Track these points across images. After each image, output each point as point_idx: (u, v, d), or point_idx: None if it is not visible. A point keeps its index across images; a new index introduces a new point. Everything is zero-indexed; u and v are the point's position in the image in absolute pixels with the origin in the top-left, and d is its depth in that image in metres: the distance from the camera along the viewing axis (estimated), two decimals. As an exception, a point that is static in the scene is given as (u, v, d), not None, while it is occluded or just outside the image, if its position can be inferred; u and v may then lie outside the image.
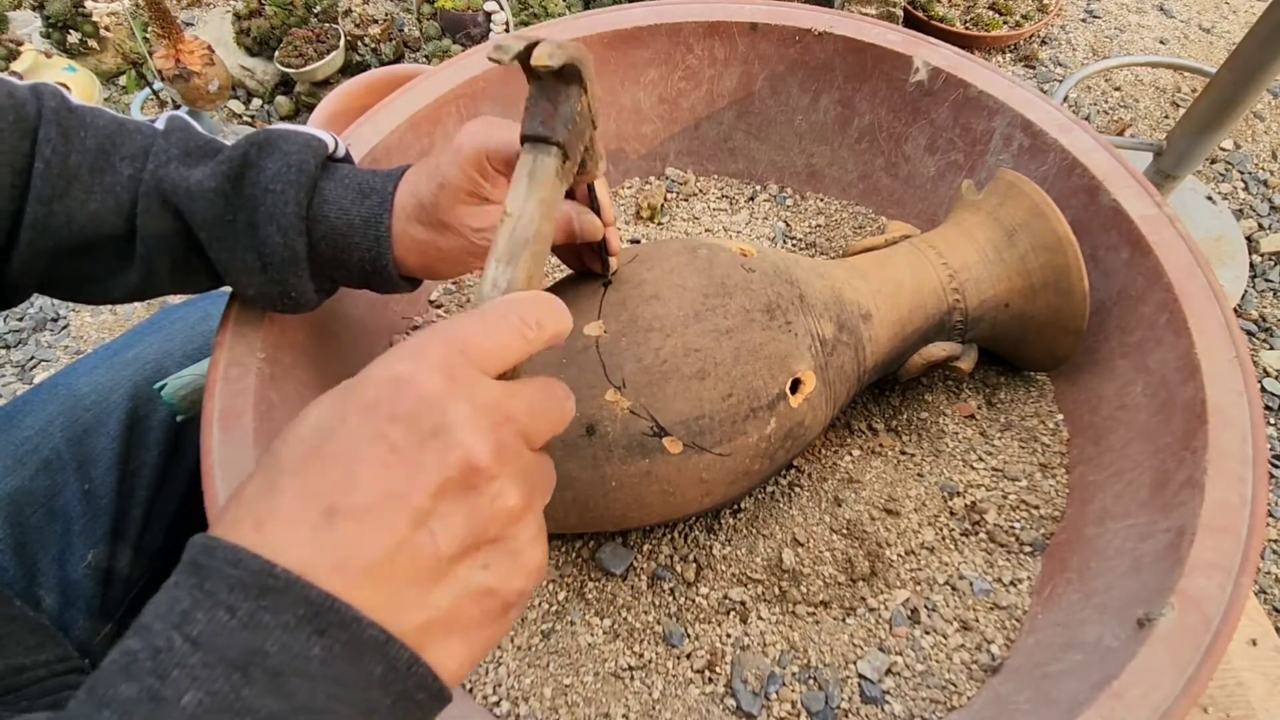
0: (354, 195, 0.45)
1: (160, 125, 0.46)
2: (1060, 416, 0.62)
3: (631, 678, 0.50)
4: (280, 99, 1.53)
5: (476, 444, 0.23)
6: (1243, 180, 1.44)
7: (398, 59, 1.59)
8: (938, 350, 0.57)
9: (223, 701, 0.20)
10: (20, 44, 1.45)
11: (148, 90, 1.38)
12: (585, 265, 0.50)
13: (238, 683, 0.20)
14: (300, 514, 0.22)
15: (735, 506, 0.57)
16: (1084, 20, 1.75)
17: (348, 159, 0.49)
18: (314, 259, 0.45)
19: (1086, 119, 1.55)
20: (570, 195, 0.46)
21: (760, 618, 0.52)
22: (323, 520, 0.22)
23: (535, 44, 0.31)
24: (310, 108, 1.49)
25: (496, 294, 0.30)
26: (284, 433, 0.24)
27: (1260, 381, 1.20)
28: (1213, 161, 1.47)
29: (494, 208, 0.44)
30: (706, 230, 0.76)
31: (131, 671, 0.20)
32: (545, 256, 0.32)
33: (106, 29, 1.59)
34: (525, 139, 0.33)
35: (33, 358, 1.25)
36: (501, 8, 1.43)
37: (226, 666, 0.20)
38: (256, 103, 1.58)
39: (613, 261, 0.48)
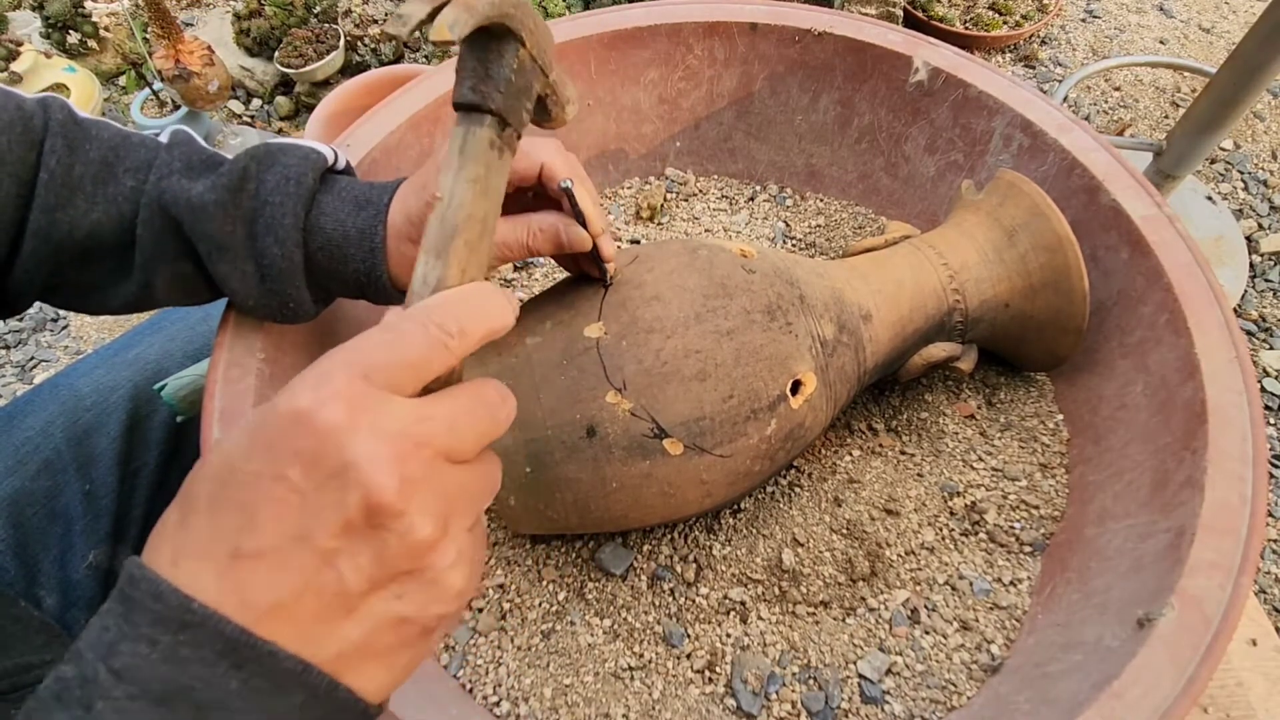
0: (350, 208, 0.45)
1: (164, 139, 0.46)
2: (1060, 416, 0.62)
3: (631, 678, 0.50)
4: (280, 99, 1.53)
5: (379, 481, 0.23)
6: (1242, 180, 1.44)
7: (398, 59, 1.59)
8: (938, 351, 0.57)
9: None
10: (20, 44, 1.45)
11: (147, 90, 1.38)
12: (583, 270, 0.49)
13: (160, 716, 0.21)
14: (208, 554, 0.22)
15: (735, 507, 0.57)
16: (1084, 20, 1.75)
17: (348, 170, 0.49)
18: (311, 270, 0.46)
19: (1086, 119, 1.55)
20: (556, 207, 0.45)
21: (760, 618, 0.52)
22: (228, 562, 0.22)
23: (440, 7, 0.27)
24: (310, 108, 1.49)
25: (426, 291, 0.28)
26: (198, 465, 0.24)
27: (1260, 381, 1.21)
28: (1213, 161, 1.47)
29: None
30: (706, 230, 0.76)
31: (63, 699, 0.21)
32: (484, 241, 0.30)
33: (106, 29, 1.59)
34: (456, 106, 0.30)
35: (33, 358, 1.26)
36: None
37: (148, 700, 0.21)
38: (256, 103, 1.58)
39: (609, 267, 0.47)
